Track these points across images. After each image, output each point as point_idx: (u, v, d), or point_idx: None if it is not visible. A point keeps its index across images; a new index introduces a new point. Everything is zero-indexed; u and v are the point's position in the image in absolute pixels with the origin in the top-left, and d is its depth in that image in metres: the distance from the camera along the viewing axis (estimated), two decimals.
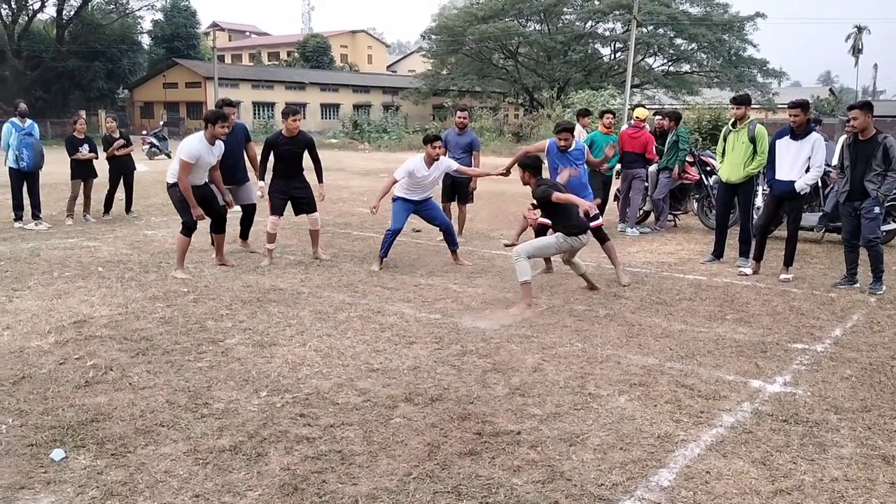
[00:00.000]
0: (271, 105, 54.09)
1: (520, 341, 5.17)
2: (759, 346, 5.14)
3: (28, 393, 4.08)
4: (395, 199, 7.72)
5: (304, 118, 53.34)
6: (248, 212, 8.28)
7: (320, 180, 7.99)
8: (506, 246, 9.15)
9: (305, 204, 7.87)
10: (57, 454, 3.33)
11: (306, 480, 3.15)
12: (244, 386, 4.24)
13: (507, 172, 7.38)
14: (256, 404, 3.97)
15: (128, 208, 11.43)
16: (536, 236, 7.07)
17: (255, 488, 3.09)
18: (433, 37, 51.37)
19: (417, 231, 9.97)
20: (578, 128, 10.94)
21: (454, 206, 9.46)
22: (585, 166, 7.54)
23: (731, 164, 7.84)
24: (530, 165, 6.45)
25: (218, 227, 7.48)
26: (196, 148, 6.88)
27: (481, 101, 51.94)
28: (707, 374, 4.57)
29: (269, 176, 7.94)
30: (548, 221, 6.69)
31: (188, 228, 7.05)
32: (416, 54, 72.56)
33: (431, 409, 3.93)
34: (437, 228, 8.05)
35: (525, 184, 6.50)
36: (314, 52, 64.66)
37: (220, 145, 7.16)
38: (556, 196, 6.04)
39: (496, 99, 52.41)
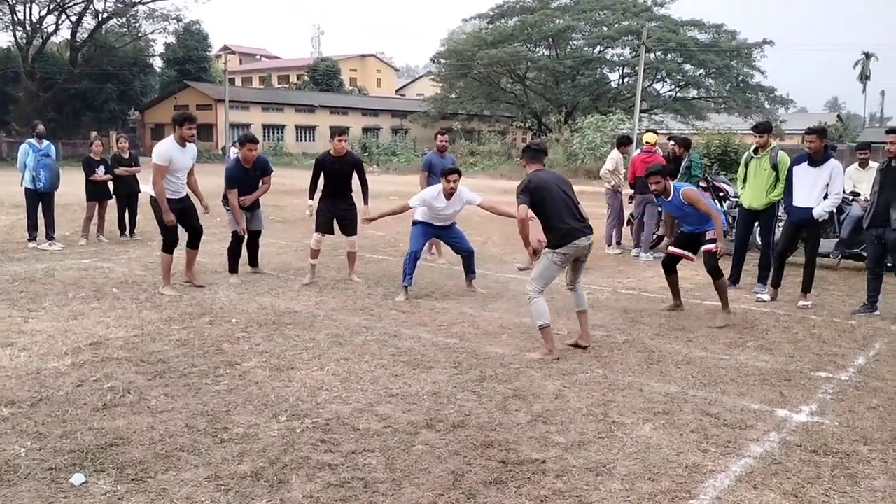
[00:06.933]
0: (281, 127, 54.45)
1: (539, 367, 5.11)
2: (783, 375, 5.07)
3: (46, 415, 4.04)
4: (416, 223, 7.60)
5: (314, 141, 53.88)
6: (255, 238, 8.39)
7: (366, 202, 8.04)
8: (520, 269, 9.14)
9: (347, 225, 8.07)
10: (77, 479, 3.28)
11: None
12: (263, 410, 4.19)
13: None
14: (276, 429, 3.92)
15: (131, 230, 11.11)
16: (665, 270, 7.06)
17: None
18: (442, 61, 51.83)
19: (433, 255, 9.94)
20: (617, 154, 10.91)
21: None
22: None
23: (753, 191, 7.80)
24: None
25: (192, 243, 7.60)
26: (168, 150, 7.10)
27: (489, 124, 52.26)
28: (732, 402, 4.50)
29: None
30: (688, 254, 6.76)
31: (169, 245, 7.25)
32: (425, 78, 73.04)
33: (454, 436, 3.87)
34: (459, 255, 7.84)
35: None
36: (324, 76, 65.15)
37: (192, 148, 7.39)
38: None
39: (504, 123, 52.75)
